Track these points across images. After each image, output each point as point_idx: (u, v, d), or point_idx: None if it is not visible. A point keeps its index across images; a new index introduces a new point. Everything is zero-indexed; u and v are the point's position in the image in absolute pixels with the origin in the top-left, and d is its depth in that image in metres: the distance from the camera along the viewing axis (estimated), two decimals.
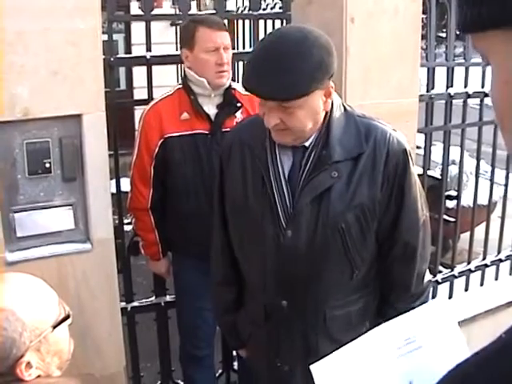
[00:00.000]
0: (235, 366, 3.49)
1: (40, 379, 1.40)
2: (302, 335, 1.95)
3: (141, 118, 2.78)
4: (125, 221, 3.12)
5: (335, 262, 1.85)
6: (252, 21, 3.57)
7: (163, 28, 7.81)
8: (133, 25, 8.24)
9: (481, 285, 4.00)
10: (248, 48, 4.34)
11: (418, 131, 3.17)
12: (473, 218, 3.88)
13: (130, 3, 7.59)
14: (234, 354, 3.34)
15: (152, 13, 2.99)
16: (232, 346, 2.62)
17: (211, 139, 2.71)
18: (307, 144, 1.83)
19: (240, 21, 4.66)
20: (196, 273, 2.83)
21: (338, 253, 1.83)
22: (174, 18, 5.52)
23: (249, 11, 3.49)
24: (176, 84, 2.98)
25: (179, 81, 3.70)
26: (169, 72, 5.86)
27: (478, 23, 0.65)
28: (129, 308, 3.15)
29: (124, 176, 3.04)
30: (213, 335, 3.07)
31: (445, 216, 3.75)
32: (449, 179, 4.20)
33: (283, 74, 1.62)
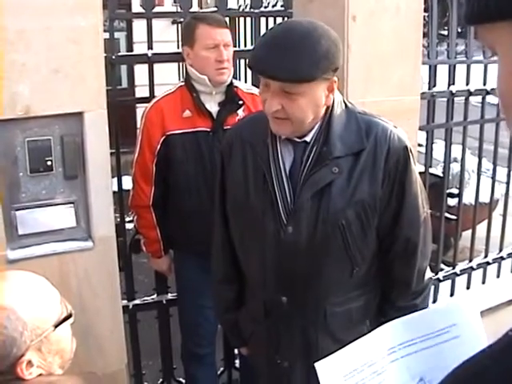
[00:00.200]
0: (237, 364, 3.49)
1: (41, 378, 1.40)
2: (302, 332, 1.95)
3: (143, 116, 2.78)
4: (126, 219, 3.12)
5: (335, 259, 1.85)
6: (253, 18, 3.56)
7: (165, 26, 7.82)
8: (134, 23, 8.23)
9: (482, 283, 4.00)
10: (249, 46, 4.34)
11: (420, 129, 3.17)
12: (474, 216, 3.88)
13: (132, 1, 7.58)
14: (236, 352, 3.34)
15: (153, 11, 2.99)
16: (234, 344, 2.62)
17: (213, 137, 2.71)
18: (308, 139, 1.83)
19: (241, 18, 4.66)
20: (197, 270, 2.83)
21: (339, 249, 1.83)
22: (176, 16, 5.54)
23: (250, 9, 3.49)
24: (178, 82, 2.98)
25: (181, 79, 3.71)
26: (170, 70, 5.86)
27: (485, 14, 0.66)
28: (130, 306, 3.16)
29: (126, 174, 3.04)
30: (214, 333, 3.07)
31: (446, 214, 3.75)
32: (450, 177, 4.20)
33: (290, 57, 1.64)
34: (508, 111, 0.70)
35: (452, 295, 3.80)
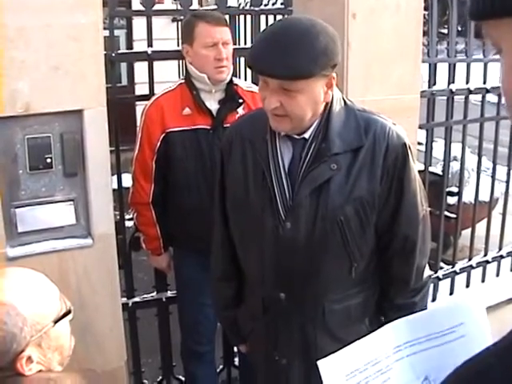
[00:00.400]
0: (236, 362, 3.49)
1: (40, 374, 1.40)
2: (300, 328, 1.95)
3: (142, 113, 2.78)
4: (126, 216, 3.12)
5: (334, 255, 1.85)
6: (253, 16, 3.57)
7: (165, 24, 7.82)
8: (134, 20, 8.24)
9: (482, 281, 4.01)
10: (249, 44, 4.33)
11: (420, 127, 3.17)
12: (474, 215, 3.88)
13: None
14: (235, 350, 3.34)
15: (153, 8, 2.99)
16: (233, 342, 2.62)
17: (213, 134, 2.71)
18: (307, 136, 1.83)
19: (241, 16, 4.66)
20: (197, 268, 2.83)
21: (337, 246, 1.83)
22: (176, 14, 5.53)
23: (250, 7, 3.49)
24: (177, 79, 2.98)
25: (181, 76, 3.71)
26: (170, 68, 5.86)
27: (490, 11, 0.66)
28: (130, 303, 3.16)
29: (125, 172, 3.04)
30: (214, 331, 3.07)
31: (446, 212, 3.76)
32: (450, 175, 4.20)
33: (288, 54, 1.64)
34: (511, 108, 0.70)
35: (451, 294, 3.80)
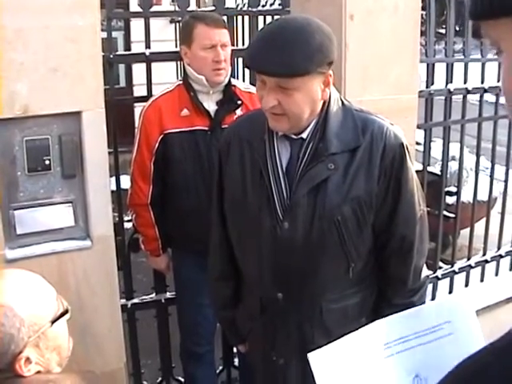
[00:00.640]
0: (236, 363, 3.49)
1: (39, 375, 1.40)
2: (298, 328, 1.95)
3: (141, 114, 2.79)
4: (125, 218, 3.12)
5: (331, 255, 1.86)
6: (251, 17, 3.57)
7: (163, 25, 7.82)
8: (132, 22, 8.25)
9: (481, 281, 4.01)
10: (247, 45, 4.33)
11: (418, 127, 3.17)
12: (473, 214, 3.88)
13: (129, 0, 7.58)
14: (235, 351, 3.34)
15: (151, 10, 2.99)
16: (232, 342, 2.62)
17: (211, 136, 2.72)
18: (304, 136, 1.84)
19: (239, 17, 4.66)
20: (196, 269, 2.83)
21: (334, 245, 1.84)
22: (174, 15, 5.55)
23: (248, 8, 3.49)
24: (175, 81, 2.98)
25: (179, 78, 3.71)
26: (168, 69, 5.86)
27: (490, 11, 0.67)
28: (129, 305, 3.16)
29: (124, 173, 3.04)
30: (213, 332, 3.07)
31: (445, 212, 3.76)
32: (449, 175, 4.21)
33: (284, 52, 1.65)
34: None
35: (450, 293, 3.80)
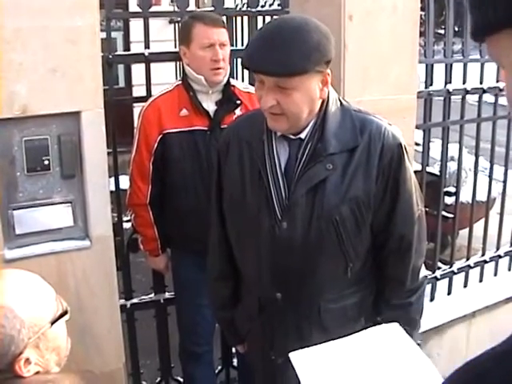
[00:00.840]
0: (235, 363, 3.50)
1: (39, 376, 1.41)
2: (296, 328, 1.96)
3: (140, 114, 2.79)
4: (124, 218, 3.12)
5: (330, 255, 1.86)
6: (250, 17, 3.57)
7: (162, 25, 7.81)
8: (131, 22, 8.23)
9: (480, 281, 4.01)
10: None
11: (417, 127, 3.17)
12: (471, 215, 3.89)
13: (129, 1, 7.58)
14: (234, 351, 3.34)
15: (150, 10, 3.00)
16: (230, 342, 2.62)
17: (210, 136, 2.72)
18: (303, 136, 1.84)
19: (238, 18, 4.66)
20: (195, 269, 2.84)
21: (333, 245, 1.84)
22: (173, 16, 5.54)
23: (247, 8, 3.49)
24: (175, 81, 2.98)
25: (178, 78, 3.71)
26: (167, 69, 5.86)
27: (488, 27, 0.67)
28: (128, 305, 3.16)
29: (123, 174, 3.04)
30: (212, 332, 3.08)
31: (443, 212, 3.76)
32: (447, 175, 4.22)
33: (281, 51, 1.65)
34: None
35: (449, 294, 3.81)
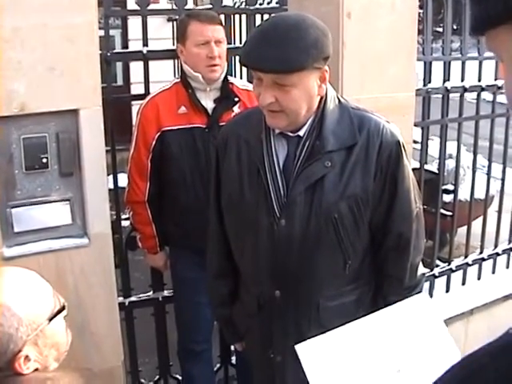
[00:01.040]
0: (233, 361, 3.50)
1: (38, 373, 1.41)
2: (295, 325, 1.96)
3: (138, 112, 2.79)
4: (122, 216, 3.12)
5: (328, 252, 1.86)
6: (248, 15, 3.57)
7: (160, 23, 7.80)
8: (129, 20, 8.23)
9: (478, 278, 4.01)
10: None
11: (415, 125, 3.17)
12: (470, 212, 3.89)
13: None
14: (232, 349, 3.35)
15: (148, 8, 2.99)
16: (229, 340, 2.62)
17: (208, 133, 2.72)
18: (301, 134, 1.85)
19: (237, 16, 4.66)
20: (193, 267, 2.84)
21: (331, 242, 1.85)
22: (171, 13, 5.52)
23: (245, 6, 3.49)
24: (173, 79, 2.98)
25: (176, 76, 3.71)
26: (166, 67, 5.85)
27: (487, 21, 0.67)
28: (127, 303, 3.16)
29: (121, 171, 3.04)
30: (211, 330, 3.08)
31: (442, 210, 3.76)
32: (446, 173, 4.22)
33: (279, 48, 1.65)
34: None
35: (447, 291, 3.81)
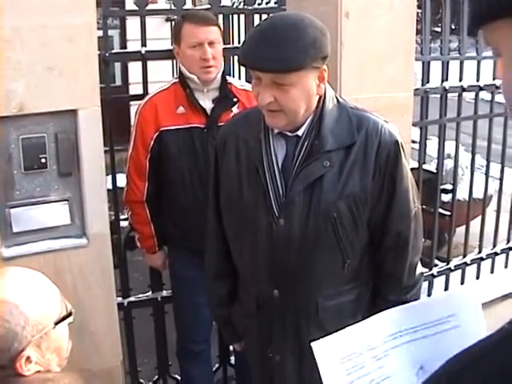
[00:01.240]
0: (232, 361, 3.50)
1: (39, 374, 1.41)
2: (294, 325, 1.96)
3: (136, 112, 2.78)
4: (121, 216, 3.12)
5: (327, 251, 1.87)
6: (247, 15, 3.57)
7: (158, 23, 7.79)
8: (128, 20, 8.23)
9: (476, 278, 4.02)
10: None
11: (413, 125, 3.18)
12: (468, 212, 3.90)
13: None
14: (231, 349, 3.35)
15: (147, 8, 2.99)
16: (227, 340, 2.62)
17: (207, 133, 2.71)
18: (300, 133, 1.85)
19: (235, 16, 4.66)
20: (192, 267, 2.83)
21: (330, 242, 1.85)
22: (169, 14, 5.51)
23: (244, 6, 3.49)
24: (171, 79, 2.98)
25: (175, 76, 3.70)
26: (164, 67, 5.85)
27: (488, 14, 0.67)
28: (125, 303, 3.16)
29: (120, 172, 3.04)
30: (209, 330, 3.08)
31: (440, 210, 3.77)
32: (444, 173, 4.22)
33: (278, 47, 1.66)
34: None
35: (446, 291, 3.81)
